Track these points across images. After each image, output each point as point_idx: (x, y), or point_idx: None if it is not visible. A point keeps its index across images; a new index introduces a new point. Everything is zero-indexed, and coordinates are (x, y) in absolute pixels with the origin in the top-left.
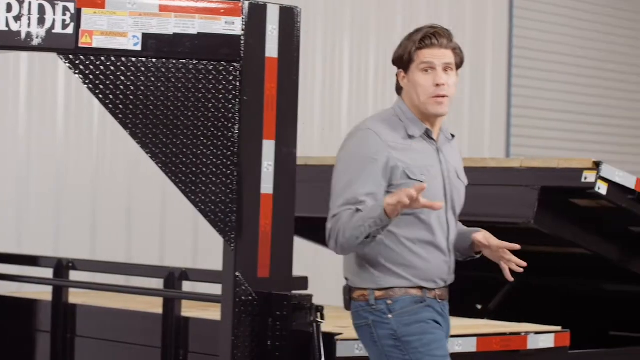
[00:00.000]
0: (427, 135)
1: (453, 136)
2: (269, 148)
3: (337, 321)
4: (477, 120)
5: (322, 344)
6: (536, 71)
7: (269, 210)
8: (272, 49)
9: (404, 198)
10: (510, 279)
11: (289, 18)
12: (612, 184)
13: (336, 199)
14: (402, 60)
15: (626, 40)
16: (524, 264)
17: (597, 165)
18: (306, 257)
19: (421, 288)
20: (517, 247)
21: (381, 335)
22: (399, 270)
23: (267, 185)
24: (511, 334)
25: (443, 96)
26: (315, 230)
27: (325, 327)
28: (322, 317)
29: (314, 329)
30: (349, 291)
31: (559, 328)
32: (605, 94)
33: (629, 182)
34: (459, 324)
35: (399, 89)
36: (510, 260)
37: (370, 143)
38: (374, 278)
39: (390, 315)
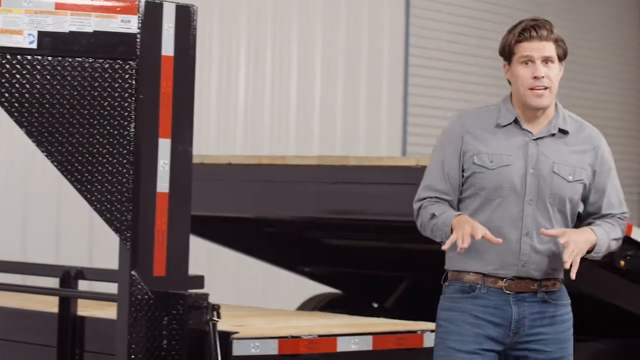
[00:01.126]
0: (518, 124)
1: (562, 131)
2: (164, 146)
3: (233, 320)
4: (374, 119)
5: (218, 343)
6: (433, 70)
7: (165, 208)
8: (168, 47)
9: (467, 239)
10: (573, 277)
11: (185, 16)
12: None
13: (422, 180)
14: (504, 53)
15: None
16: (569, 262)
17: None
18: (202, 255)
19: (482, 275)
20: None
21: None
22: (464, 254)
23: (162, 184)
24: (407, 332)
25: (543, 88)
26: (212, 229)
27: (222, 325)
28: (218, 316)
29: (210, 327)
30: None
31: None
32: (505, 93)
33: None
34: (354, 322)
35: (509, 80)
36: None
37: (452, 128)
38: (448, 259)
39: (441, 297)
